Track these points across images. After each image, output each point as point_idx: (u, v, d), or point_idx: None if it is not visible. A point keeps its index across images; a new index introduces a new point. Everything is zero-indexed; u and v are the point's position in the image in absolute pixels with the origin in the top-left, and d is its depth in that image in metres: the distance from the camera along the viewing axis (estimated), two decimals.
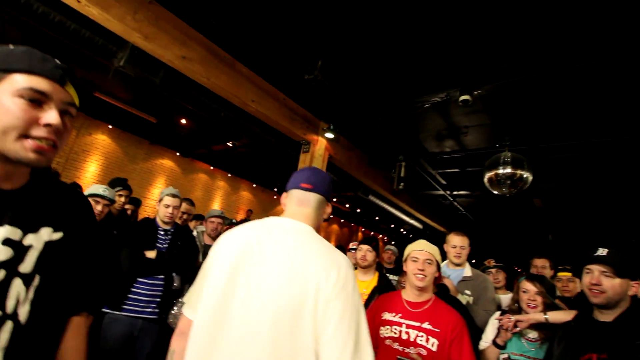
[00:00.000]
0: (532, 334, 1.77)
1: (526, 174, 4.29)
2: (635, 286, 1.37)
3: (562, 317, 1.59)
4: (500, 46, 3.03)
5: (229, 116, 4.59)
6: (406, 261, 1.72)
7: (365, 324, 0.90)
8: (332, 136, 4.87)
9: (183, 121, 6.70)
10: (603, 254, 1.40)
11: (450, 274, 2.39)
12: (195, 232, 3.12)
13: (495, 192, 4.62)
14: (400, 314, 1.65)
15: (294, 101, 4.63)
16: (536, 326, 1.72)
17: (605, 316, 1.38)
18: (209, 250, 3.12)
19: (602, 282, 1.35)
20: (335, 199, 11.43)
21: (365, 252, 2.51)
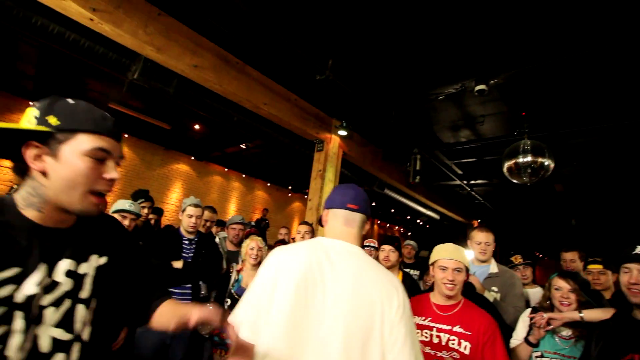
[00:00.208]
0: (566, 332, 1.73)
1: (547, 162, 4.16)
2: None
3: (598, 315, 1.55)
4: (516, 33, 2.93)
5: (241, 120, 4.62)
6: (433, 266, 1.70)
7: (418, 340, 0.98)
8: (345, 133, 4.84)
9: (197, 127, 6.79)
10: None
11: (476, 270, 2.32)
12: (217, 238, 3.17)
13: (516, 181, 4.50)
14: (429, 318, 1.63)
15: (305, 101, 4.61)
16: (570, 324, 1.68)
17: None
18: (231, 256, 3.15)
19: None
20: None
21: (388, 253, 2.49)
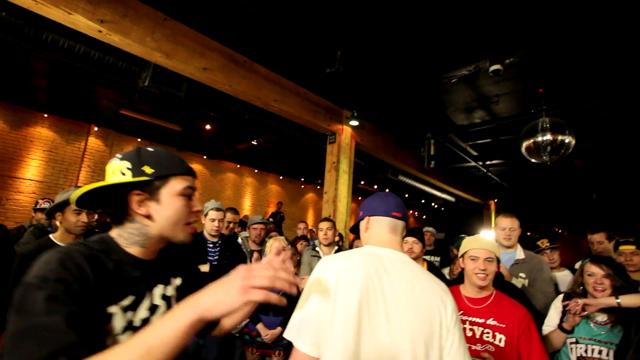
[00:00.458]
0: (601, 317, 1.70)
1: (568, 139, 4.02)
2: None
3: (636, 301, 1.52)
4: (531, 10, 2.81)
5: (252, 118, 4.61)
6: (463, 257, 1.68)
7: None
8: (356, 123, 4.79)
9: (207, 127, 6.82)
10: None
11: (502, 257, 2.31)
12: (239, 239, 3.22)
13: (535, 160, 4.38)
14: (461, 311, 1.62)
15: (315, 94, 4.56)
16: (605, 309, 1.65)
17: None
18: (253, 255, 3.17)
19: None
20: (362, 182, 11.36)
21: (411, 245, 2.46)
